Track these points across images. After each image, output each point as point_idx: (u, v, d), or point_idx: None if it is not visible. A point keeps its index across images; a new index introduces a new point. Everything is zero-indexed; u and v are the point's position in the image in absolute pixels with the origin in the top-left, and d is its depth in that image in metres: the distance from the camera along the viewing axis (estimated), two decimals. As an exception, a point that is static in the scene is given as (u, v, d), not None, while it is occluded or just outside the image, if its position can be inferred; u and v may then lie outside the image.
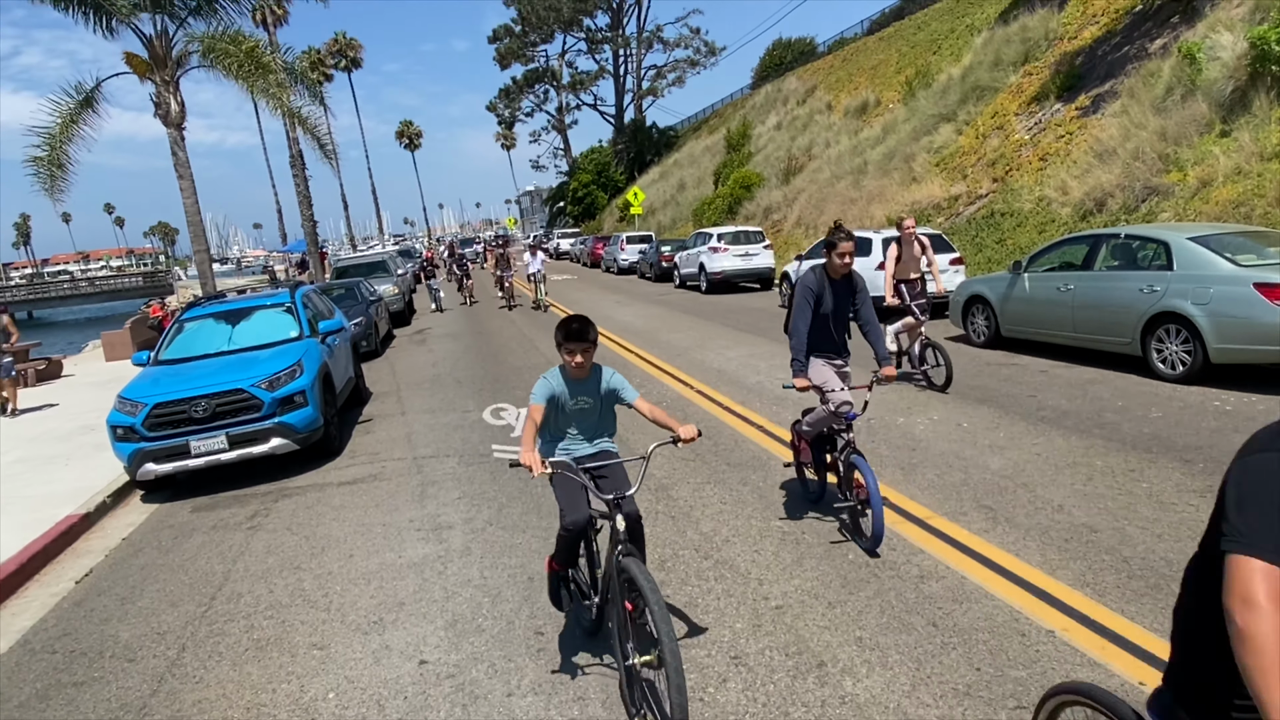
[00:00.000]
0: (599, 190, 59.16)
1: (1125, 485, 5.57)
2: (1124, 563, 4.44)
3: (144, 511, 7.52)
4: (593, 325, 3.79)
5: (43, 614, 5.44)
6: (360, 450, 8.71)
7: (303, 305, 9.78)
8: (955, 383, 8.92)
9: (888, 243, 13.92)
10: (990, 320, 10.76)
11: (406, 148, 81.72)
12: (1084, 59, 19.22)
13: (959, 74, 23.89)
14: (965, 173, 20.20)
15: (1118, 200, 14.39)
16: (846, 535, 5.19)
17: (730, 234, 21.95)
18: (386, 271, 22.93)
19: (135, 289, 66.11)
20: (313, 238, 32.83)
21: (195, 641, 4.70)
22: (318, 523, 6.53)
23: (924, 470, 6.26)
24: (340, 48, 59.62)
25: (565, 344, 3.74)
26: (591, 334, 3.74)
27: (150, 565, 6.08)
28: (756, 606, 4.35)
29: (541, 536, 5.65)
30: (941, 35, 28.55)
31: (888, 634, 3.95)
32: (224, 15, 16.79)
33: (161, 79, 16.23)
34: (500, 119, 75.05)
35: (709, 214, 33.46)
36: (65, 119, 15.79)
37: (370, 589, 5.13)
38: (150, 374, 8.47)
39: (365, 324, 15.13)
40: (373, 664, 4.20)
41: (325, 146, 19.98)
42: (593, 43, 66.32)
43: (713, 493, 6.23)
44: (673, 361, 11.73)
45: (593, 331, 3.76)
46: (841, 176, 25.82)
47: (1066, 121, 17.92)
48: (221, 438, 7.61)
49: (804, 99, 37.08)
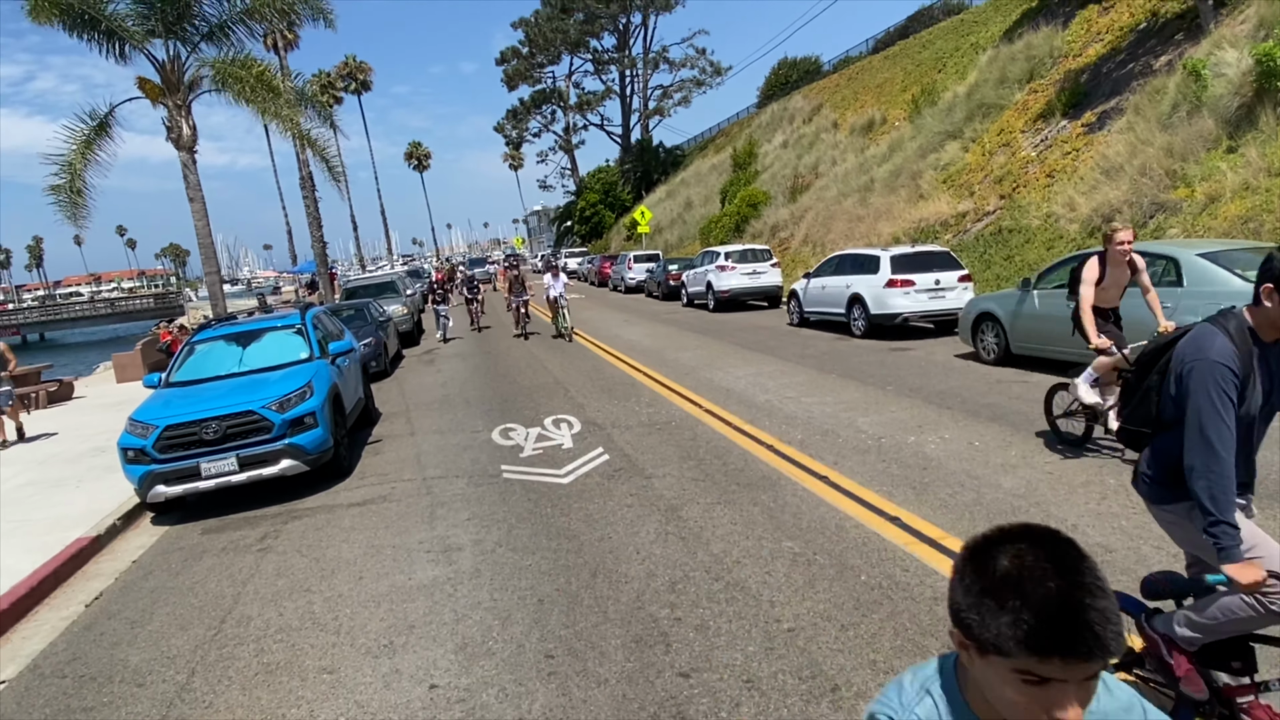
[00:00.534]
0: (606, 210, 59.43)
1: (1139, 504, 5.48)
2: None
3: (154, 534, 7.52)
4: None
5: (53, 638, 5.44)
6: (370, 471, 8.71)
7: (313, 326, 9.83)
8: (965, 401, 8.90)
9: (896, 260, 14.01)
10: (1000, 337, 10.73)
11: (415, 169, 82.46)
12: (1089, 76, 19.27)
13: (964, 92, 23.98)
14: (972, 190, 20.23)
15: (1125, 216, 14.35)
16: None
17: (737, 252, 22.03)
18: (395, 292, 23.05)
19: (146, 310, 66.62)
20: (322, 258, 33.05)
21: (205, 665, 4.68)
22: (327, 544, 6.52)
23: (936, 490, 6.22)
24: (350, 70, 60.32)
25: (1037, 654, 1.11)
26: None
27: (160, 588, 6.08)
28: (769, 629, 4.31)
29: (550, 558, 5.63)
30: (946, 53, 28.69)
31: (902, 657, 3.91)
32: (235, 40, 17.05)
33: (173, 103, 16.44)
34: (508, 140, 75.68)
35: (716, 232, 33.55)
36: (81, 145, 16.00)
37: (380, 612, 5.11)
38: (161, 396, 8.51)
39: (375, 345, 15.19)
40: (383, 688, 4.17)
41: (334, 168, 20.15)
42: (599, 64, 66.91)
43: (723, 513, 6.20)
44: (681, 380, 11.72)
45: None
46: (848, 194, 25.89)
47: (1073, 138, 17.95)
48: (232, 459, 7.62)
49: (810, 117, 37.25)
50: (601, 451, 8.37)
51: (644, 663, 4.11)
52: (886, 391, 9.84)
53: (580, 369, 13.92)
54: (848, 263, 15.41)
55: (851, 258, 15.47)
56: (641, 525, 6.11)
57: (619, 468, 7.73)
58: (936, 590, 4.56)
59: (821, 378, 11.09)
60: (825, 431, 8.23)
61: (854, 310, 14.75)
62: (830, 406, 9.32)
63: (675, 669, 4.02)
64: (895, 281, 13.76)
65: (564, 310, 18.36)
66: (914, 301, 13.72)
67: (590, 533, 6.07)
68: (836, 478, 6.71)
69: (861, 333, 14.54)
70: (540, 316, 22.95)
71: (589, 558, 5.59)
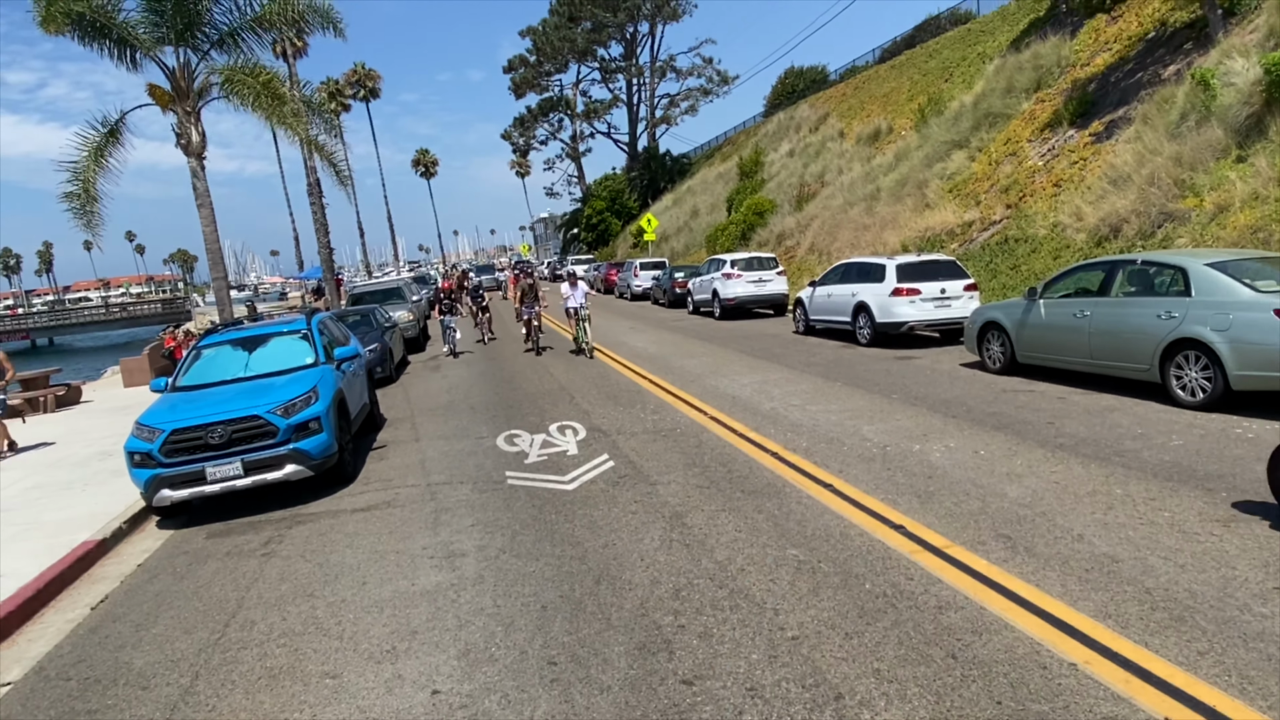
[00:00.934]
0: (613, 217, 59.57)
1: (1146, 514, 5.49)
2: (1147, 594, 4.37)
3: (159, 537, 7.54)
4: None
5: (58, 640, 5.45)
6: (374, 477, 8.71)
7: (318, 332, 9.85)
8: (970, 410, 8.87)
9: (902, 269, 13.99)
10: (1006, 347, 10.70)
11: (422, 175, 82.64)
12: (1097, 85, 19.26)
13: (971, 101, 23.99)
14: (978, 199, 20.21)
15: (1133, 226, 14.34)
16: None
17: (744, 260, 22.03)
18: (401, 298, 23.08)
19: (154, 315, 67.07)
20: (329, 265, 33.14)
21: (209, 669, 4.68)
22: (331, 550, 6.52)
23: (941, 498, 6.20)
24: (359, 78, 60.56)
25: None
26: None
27: (165, 592, 6.09)
28: (773, 637, 4.30)
29: (554, 564, 5.62)
30: (953, 63, 28.71)
31: (906, 666, 3.89)
32: (245, 48, 17.15)
33: (183, 110, 16.53)
34: (515, 147, 76.01)
35: (722, 240, 33.58)
36: (93, 152, 16.11)
37: (383, 617, 5.11)
38: (168, 400, 8.54)
39: (380, 350, 15.21)
40: (385, 694, 4.17)
41: (341, 173, 20.26)
42: (606, 72, 67.21)
43: (727, 520, 6.19)
44: (686, 388, 11.71)
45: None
46: (854, 203, 25.89)
47: (1080, 147, 17.93)
48: (237, 464, 7.64)
49: (816, 126, 37.31)
50: (607, 458, 8.36)
51: (647, 670, 4.09)
52: (892, 400, 9.82)
53: (586, 376, 13.92)
54: (853, 271, 15.39)
55: (857, 266, 15.46)
56: (646, 532, 6.10)
57: (624, 474, 7.73)
58: (941, 599, 4.53)
59: (827, 386, 11.07)
60: (830, 439, 8.22)
61: (860, 318, 14.73)
62: (835, 414, 9.30)
63: (678, 676, 4.00)
64: (901, 290, 13.74)
65: (585, 324, 16.62)
66: (919, 310, 13.70)
67: (594, 539, 6.06)
68: (841, 485, 6.69)
69: (867, 341, 14.51)
70: (555, 330, 21.51)
71: (593, 564, 5.58)
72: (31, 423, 15.09)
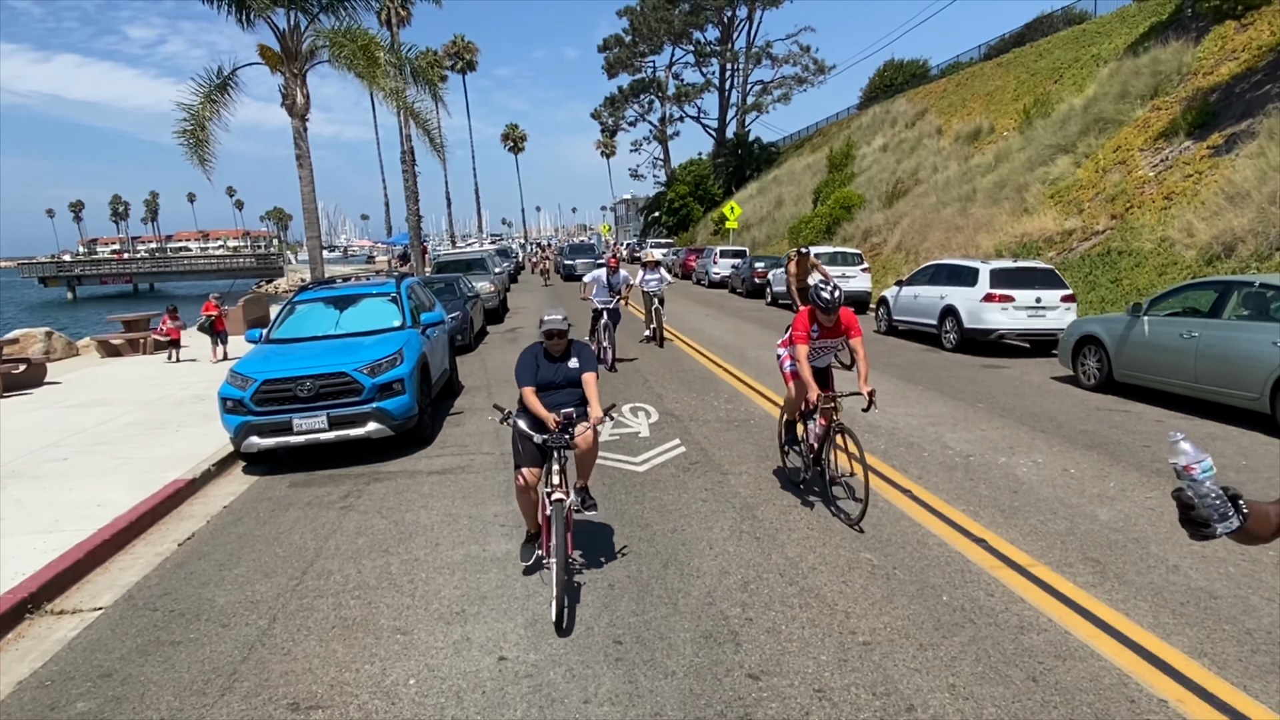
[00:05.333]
0: (695, 202, 59.14)
1: (1250, 551, 5.16)
2: (1247, 634, 4.12)
3: (245, 482, 7.83)
4: None
5: (147, 572, 5.71)
6: (450, 441, 8.87)
7: (407, 296, 10.06)
8: (1061, 425, 8.52)
9: (996, 274, 13.49)
10: (1103, 363, 10.23)
11: (511, 150, 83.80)
12: (1219, 96, 18.16)
13: (1081, 105, 22.92)
14: (1081, 207, 19.35)
15: (1249, 246, 13.52)
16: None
17: (827, 254, 21.59)
18: (484, 269, 23.46)
19: (249, 269, 69.83)
20: (416, 232, 33.87)
21: (286, 614, 4.84)
22: (406, 509, 6.67)
23: (1026, 515, 5.97)
24: (458, 49, 61.56)
25: None
26: None
27: (248, 535, 6.32)
28: (843, 640, 4.20)
29: (622, 544, 5.62)
30: (1064, 64, 27.47)
31: (983, 684, 3.75)
32: (352, 13, 17.56)
33: (290, 71, 17.06)
34: (603, 127, 75.96)
35: (806, 233, 33.01)
36: (205, 98, 16.89)
37: (454, 579, 5.20)
38: (261, 351, 8.85)
39: (462, 319, 15.48)
40: (453, 655, 4.23)
41: (435, 141, 20.60)
42: (701, 56, 66.50)
43: (799, 517, 6.08)
44: (761, 379, 11.56)
45: None
46: (948, 203, 25.09)
47: (1196, 160, 16.96)
48: (323, 418, 7.87)
49: (913, 122, 36.23)
50: (678, 443, 8.33)
51: (712, 660, 4.05)
52: (977, 409, 9.50)
53: (660, 359, 13.89)
54: (944, 273, 14.94)
55: (948, 268, 14.99)
56: (715, 521, 6.05)
57: (695, 461, 7.68)
58: (1023, 619, 4.36)
59: (907, 388, 10.78)
60: (910, 444, 8.00)
61: (946, 322, 14.30)
62: (916, 419, 9.06)
63: (744, 669, 3.95)
64: (993, 296, 13.27)
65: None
66: (1012, 318, 13.21)
67: (663, 523, 6.04)
68: (920, 492, 6.51)
69: (953, 346, 14.09)
70: (632, 312, 19.49)
71: (661, 548, 5.56)
72: (130, 362, 15.86)
